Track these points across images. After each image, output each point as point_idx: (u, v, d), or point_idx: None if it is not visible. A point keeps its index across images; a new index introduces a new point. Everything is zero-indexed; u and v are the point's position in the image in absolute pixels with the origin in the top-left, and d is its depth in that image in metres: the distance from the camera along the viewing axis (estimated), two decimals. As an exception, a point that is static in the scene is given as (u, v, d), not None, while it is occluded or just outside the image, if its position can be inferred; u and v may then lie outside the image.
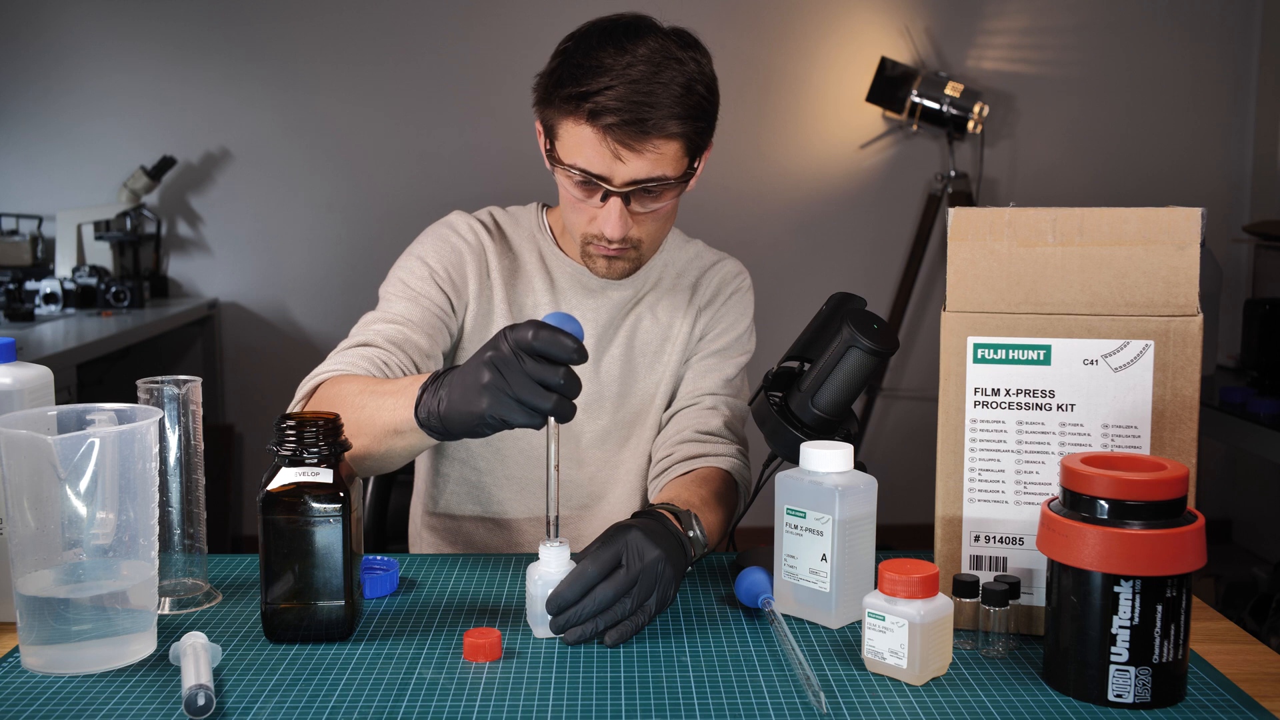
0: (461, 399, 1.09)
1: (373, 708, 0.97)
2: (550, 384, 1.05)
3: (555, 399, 1.06)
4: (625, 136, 1.34)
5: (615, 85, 1.33)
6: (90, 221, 3.85)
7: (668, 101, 1.34)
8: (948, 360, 1.12)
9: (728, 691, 1.01)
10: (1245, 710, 0.97)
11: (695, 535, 1.27)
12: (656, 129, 1.34)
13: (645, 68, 1.35)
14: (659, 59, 1.36)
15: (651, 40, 1.37)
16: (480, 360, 1.07)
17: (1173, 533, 0.95)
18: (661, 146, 1.36)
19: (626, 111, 1.33)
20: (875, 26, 4.06)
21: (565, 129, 1.38)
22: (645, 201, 1.40)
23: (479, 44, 4.01)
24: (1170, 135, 4.14)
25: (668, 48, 1.37)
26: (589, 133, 1.36)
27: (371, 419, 1.20)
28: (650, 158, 1.36)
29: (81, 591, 1.04)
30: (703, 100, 1.39)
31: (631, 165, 1.36)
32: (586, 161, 1.37)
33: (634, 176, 1.37)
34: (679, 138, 1.37)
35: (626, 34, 1.38)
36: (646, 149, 1.35)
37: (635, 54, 1.35)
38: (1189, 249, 1.07)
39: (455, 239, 1.54)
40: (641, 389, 1.58)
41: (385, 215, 4.03)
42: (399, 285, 1.50)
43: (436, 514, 1.61)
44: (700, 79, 1.39)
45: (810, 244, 4.14)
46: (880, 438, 4.22)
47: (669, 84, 1.35)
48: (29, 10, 3.93)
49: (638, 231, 1.43)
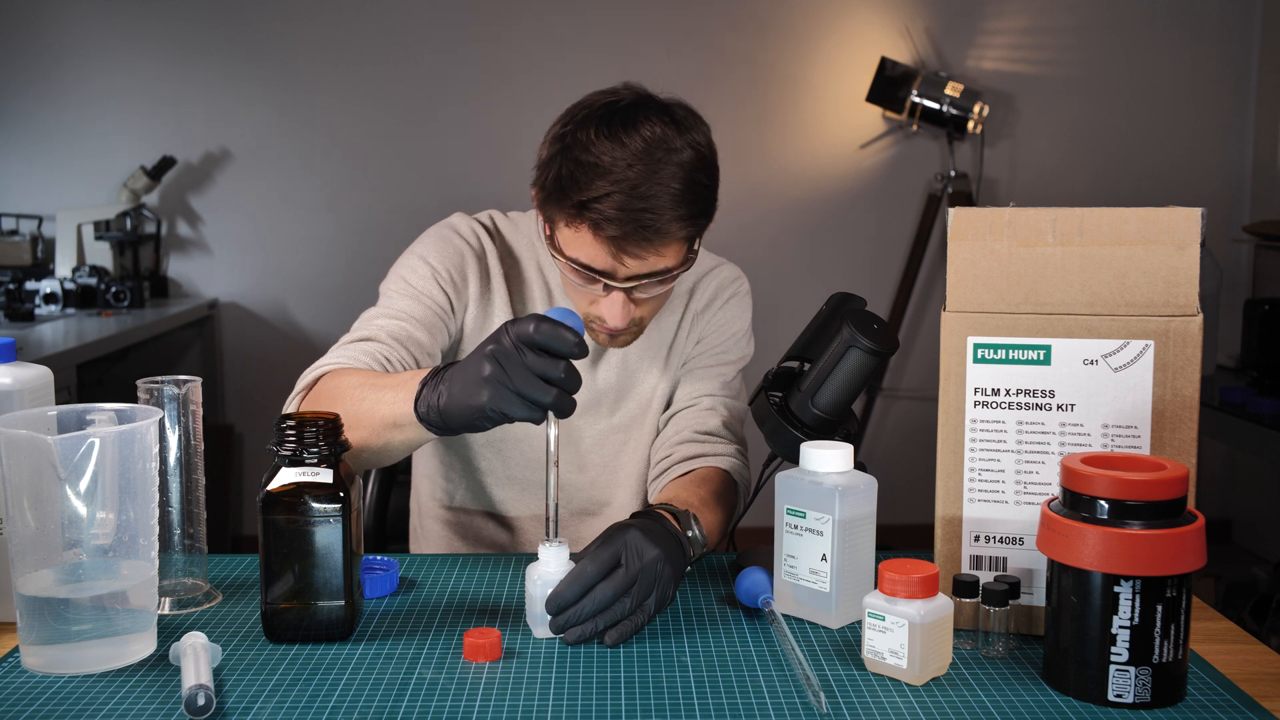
0: (462, 392, 1.09)
1: (373, 708, 0.97)
2: (551, 378, 1.06)
3: (555, 393, 1.06)
4: (628, 245, 1.33)
5: (614, 193, 1.31)
6: (90, 221, 3.85)
7: (668, 204, 1.32)
8: (948, 360, 1.12)
9: (728, 691, 1.01)
10: (1245, 710, 0.97)
11: (694, 535, 1.27)
12: (659, 234, 1.33)
13: (643, 168, 1.31)
14: (658, 154, 1.33)
15: (647, 128, 1.33)
16: (481, 353, 1.07)
17: (1173, 533, 0.95)
18: (663, 249, 1.35)
19: (628, 222, 1.31)
20: (875, 26, 4.06)
21: (564, 228, 1.37)
22: (648, 289, 1.40)
23: (479, 44, 4.01)
24: (1170, 135, 4.14)
25: (665, 138, 1.34)
26: (590, 236, 1.34)
27: (371, 412, 1.20)
28: (652, 259, 1.35)
29: (81, 591, 1.04)
30: (703, 190, 1.37)
31: (633, 266, 1.36)
32: (588, 259, 1.36)
33: (636, 273, 1.36)
34: (681, 238, 1.36)
35: (624, 123, 1.34)
36: (649, 253, 1.34)
37: (633, 148, 1.32)
38: (1189, 249, 1.07)
39: (457, 240, 1.53)
40: (639, 392, 1.58)
41: (385, 215, 4.04)
42: (400, 283, 1.50)
43: (452, 508, 1.62)
44: (700, 168, 1.36)
45: (810, 244, 4.14)
46: (880, 438, 4.22)
47: (668, 183, 1.32)
48: (29, 10, 3.93)
49: (639, 312, 1.43)
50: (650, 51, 3.98)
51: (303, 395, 1.34)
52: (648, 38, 3.99)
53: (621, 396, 1.58)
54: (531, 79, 3.99)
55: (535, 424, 1.08)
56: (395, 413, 1.17)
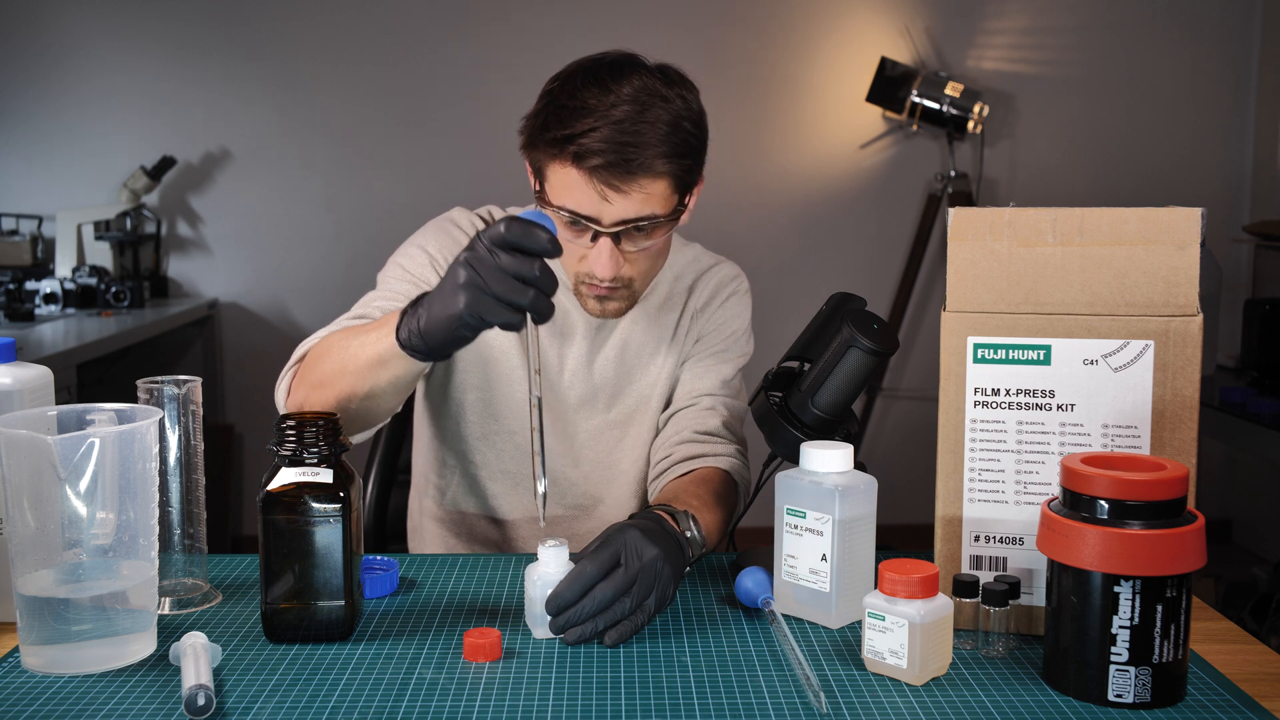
0: (440, 305, 1.11)
1: (373, 708, 0.97)
2: (526, 277, 1.06)
3: (533, 294, 1.07)
4: (611, 178, 1.33)
5: (600, 127, 1.32)
6: (90, 221, 3.85)
7: (654, 140, 1.33)
8: (948, 360, 1.12)
9: (728, 691, 1.01)
10: (1245, 710, 0.97)
11: (692, 535, 1.27)
12: (643, 169, 1.33)
13: (630, 107, 1.33)
14: (644, 98, 1.35)
15: (636, 79, 1.36)
16: (457, 262, 1.09)
17: (1173, 533, 0.95)
18: (649, 186, 1.35)
19: (612, 153, 1.32)
20: (875, 26, 4.06)
21: (552, 171, 1.38)
22: (636, 240, 1.40)
23: (479, 44, 4.01)
24: (1170, 135, 4.14)
25: (653, 86, 1.36)
26: (575, 175, 1.35)
27: (355, 356, 1.22)
28: (638, 198, 1.35)
29: (81, 591, 1.04)
30: (690, 137, 1.37)
31: (619, 205, 1.35)
32: (575, 203, 1.36)
33: (623, 216, 1.36)
34: (666, 176, 1.36)
35: (611, 74, 1.36)
36: (634, 189, 1.34)
37: (620, 94, 1.34)
38: (1189, 249, 1.07)
39: (456, 231, 1.55)
40: (636, 389, 1.58)
41: (385, 215, 4.03)
42: (398, 269, 1.52)
43: (444, 506, 1.62)
44: (687, 115, 1.38)
45: (810, 244, 4.14)
46: (880, 438, 4.22)
47: (654, 123, 1.34)
48: (29, 10, 3.93)
49: (629, 270, 1.43)
50: (650, 50, 3.97)
51: (294, 370, 1.36)
52: (648, 37, 3.98)
53: (618, 392, 1.58)
54: (532, 79, 3.98)
55: (515, 329, 1.09)
56: (379, 349, 1.19)
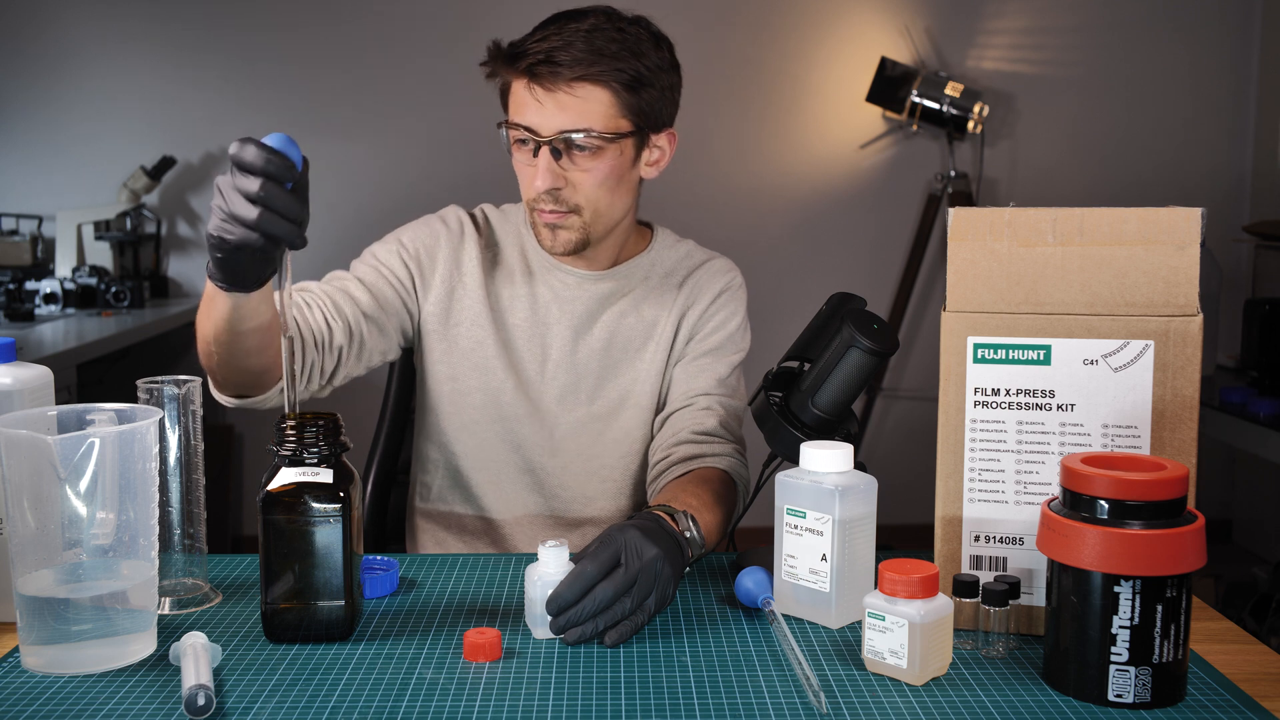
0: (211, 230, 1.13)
1: (373, 708, 0.97)
2: (249, 193, 1.06)
3: (259, 211, 1.06)
4: (543, 80, 1.40)
5: (546, 38, 1.41)
6: (90, 221, 3.84)
7: (582, 39, 1.40)
8: (948, 360, 1.12)
9: (728, 691, 1.01)
10: (1245, 710, 0.97)
11: (692, 535, 1.27)
12: (570, 68, 1.39)
13: (582, 29, 1.41)
14: (600, 25, 1.42)
15: (599, 16, 1.44)
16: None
17: (1173, 533, 0.95)
18: (582, 91, 1.40)
19: (541, 53, 1.40)
20: (875, 26, 4.06)
21: (510, 94, 1.46)
22: (577, 158, 1.44)
23: (479, 44, 3.96)
24: (1170, 135, 4.14)
25: (613, 18, 1.44)
26: (519, 87, 1.43)
27: (203, 307, 1.26)
28: (575, 108, 1.41)
29: (81, 591, 1.04)
30: (629, 50, 1.42)
31: (553, 113, 1.41)
32: (519, 115, 1.43)
33: (561, 127, 1.41)
34: (604, 87, 1.41)
35: (577, 13, 1.45)
36: (564, 91, 1.40)
37: (579, 21, 1.42)
38: (1189, 249, 1.07)
39: (437, 224, 1.60)
40: (620, 383, 1.58)
41: (385, 215, 4.00)
42: (368, 254, 1.59)
43: (429, 502, 1.63)
44: (642, 39, 1.44)
45: (810, 244, 4.14)
46: (880, 438, 4.22)
47: (590, 30, 1.41)
48: (29, 10, 3.93)
49: (572, 193, 1.46)
50: (650, 51, 3.97)
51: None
52: (648, 38, 3.99)
53: (601, 383, 1.58)
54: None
55: (266, 252, 1.10)
56: (208, 290, 1.23)
